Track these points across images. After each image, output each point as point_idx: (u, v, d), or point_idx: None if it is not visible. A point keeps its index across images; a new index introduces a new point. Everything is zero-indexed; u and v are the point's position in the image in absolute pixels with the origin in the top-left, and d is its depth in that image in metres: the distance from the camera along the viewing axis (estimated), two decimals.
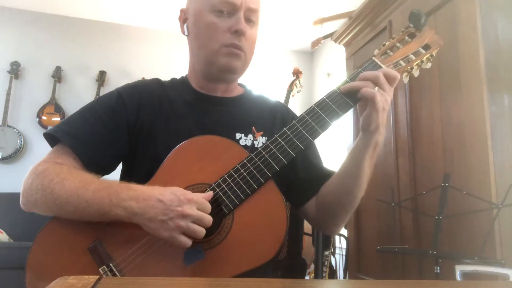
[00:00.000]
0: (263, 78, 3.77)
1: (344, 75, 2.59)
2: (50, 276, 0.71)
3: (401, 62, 0.84)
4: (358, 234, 2.21)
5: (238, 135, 0.89)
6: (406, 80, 0.88)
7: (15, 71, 3.40)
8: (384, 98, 0.75)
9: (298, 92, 2.81)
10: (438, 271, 1.32)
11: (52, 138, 0.83)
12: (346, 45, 2.55)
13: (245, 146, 0.88)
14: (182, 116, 0.89)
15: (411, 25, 0.86)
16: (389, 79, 0.78)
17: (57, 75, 3.50)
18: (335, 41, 2.66)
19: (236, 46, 0.85)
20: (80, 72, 3.64)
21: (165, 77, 1.01)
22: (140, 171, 0.85)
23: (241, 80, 1.01)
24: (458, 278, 1.19)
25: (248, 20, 0.87)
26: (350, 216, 2.37)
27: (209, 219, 0.69)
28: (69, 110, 3.51)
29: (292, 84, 2.75)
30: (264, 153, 0.77)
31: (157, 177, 0.78)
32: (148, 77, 1.03)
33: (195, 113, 0.90)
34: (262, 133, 0.91)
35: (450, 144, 1.54)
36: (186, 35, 0.94)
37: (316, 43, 2.96)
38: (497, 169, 1.34)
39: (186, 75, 0.98)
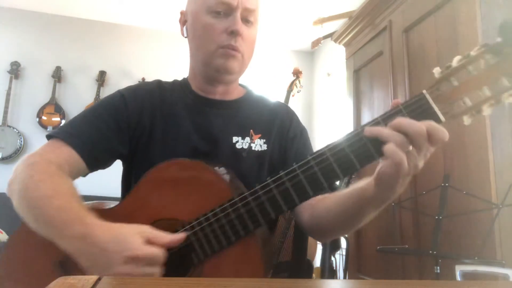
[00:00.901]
0: (263, 78, 3.77)
1: (344, 75, 2.58)
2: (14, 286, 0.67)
3: (467, 100, 0.55)
4: (358, 234, 2.21)
5: (235, 139, 0.88)
6: (468, 122, 0.58)
7: (15, 71, 3.40)
8: (414, 163, 0.59)
9: (298, 92, 2.80)
10: (438, 271, 1.32)
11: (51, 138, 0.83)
12: (346, 45, 2.55)
13: (242, 149, 0.88)
14: (181, 119, 0.89)
15: (499, 39, 0.54)
16: (433, 138, 0.56)
17: (57, 75, 3.50)
18: (335, 41, 2.66)
19: (232, 47, 0.84)
20: (80, 72, 3.64)
21: (165, 77, 1.01)
22: (137, 175, 0.84)
23: (241, 80, 1.01)
24: (458, 278, 1.19)
25: (246, 21, 0.86)
26: None
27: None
28: (69, 110, 3.51)
29: (292, 84, 2.74)
30: (250, 199, 0.65)
31: (128, 201, 0.73)
32: (148, 77, 1.04)
33: (193, 116, 0.90)
34: (260, 135, 0.91)
35: (450, 144, 1.54)
36: (186, 37, 0.94)
37: (316, 43, 2.96)
38: (497, 169, 1.34)
39: (187, 77, 0.99)
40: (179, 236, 0.65)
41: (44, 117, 3.42)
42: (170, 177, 0.72)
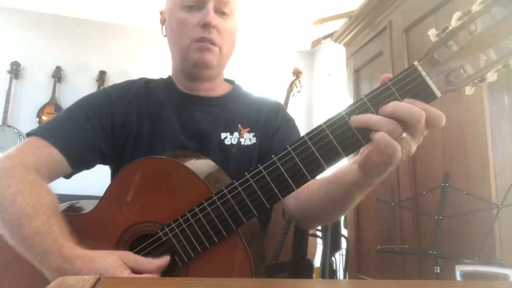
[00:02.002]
0: (263, 78, 3.77)
1: (344, 75, 2.58)
2: None
3: (469, 68, 0.46)
4: (358, 234, 2.21)
5: (223, 135, 0.88)
6: (470, 92, 0.52)
7: (15, 71, 3.41)
8: (407, 150, 0.55)
9: (298, 92, 2.81)
10: (438, 271, 1.32)
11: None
12: (346, 45, 2.55)
13: (231, 145, 0.87)
14: (168, 118, 0.88)
15: None
16: (430, 122, 0.53)
17: (57, 75, 3.50)
18: (335, 41, 2.66)
19: (206, 39, 0.83)
20: (80, 72, 3.64)
21: (165, 77, 1.01)
22: None
23: (240, 79, 1.00)
24: (458, 278, 1.19)
25: (221, 13, 0.86)
26: (350, 216, 2.36)
27: None
28: None
29: (292, 84, 2.75)
30: (229, 196, 0.61)
31: (102, 205, 0.70)
32: (148, 77, 1.03)
33: (180, 115, 0.89)
34: (248, 129, 0.90)
35: (450, 144, 1.54)
36: (165, 36, 0.95)
37: (316, 43, 2.96)
38: (497, 169, 1.34)
39: (171, 75, 0.98)
40: (164, 260, 0.64)
41: (44, 117, 3.43)
42: (143, 176, 0.69)
